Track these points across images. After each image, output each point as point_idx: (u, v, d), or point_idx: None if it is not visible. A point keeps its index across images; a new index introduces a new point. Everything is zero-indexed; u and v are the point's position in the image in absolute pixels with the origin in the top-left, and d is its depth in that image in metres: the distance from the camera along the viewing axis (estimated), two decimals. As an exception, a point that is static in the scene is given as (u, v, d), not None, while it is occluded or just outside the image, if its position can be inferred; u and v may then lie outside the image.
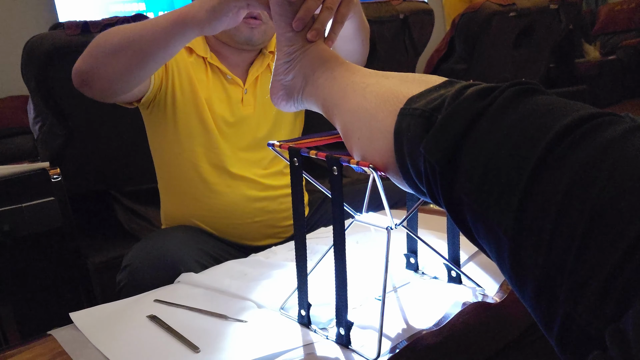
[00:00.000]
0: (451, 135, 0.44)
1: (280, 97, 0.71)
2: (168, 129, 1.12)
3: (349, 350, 0.61)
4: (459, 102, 0.45)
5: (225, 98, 1.14)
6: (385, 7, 2.08)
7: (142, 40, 0.89)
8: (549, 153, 0.38)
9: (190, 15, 0.83)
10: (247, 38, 1.09)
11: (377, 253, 0.87)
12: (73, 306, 0.82)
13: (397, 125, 0.50)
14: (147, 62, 0.91)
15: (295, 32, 0.67)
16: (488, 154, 0.42)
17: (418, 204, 0.72)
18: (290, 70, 0.68)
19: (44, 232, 1.22)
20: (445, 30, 2.84)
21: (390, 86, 0.55)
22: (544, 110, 0.41)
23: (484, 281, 0.74)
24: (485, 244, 0.44)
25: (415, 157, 0.48)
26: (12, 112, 3.13)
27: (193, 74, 1.11)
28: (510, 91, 0.44)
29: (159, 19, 0.88)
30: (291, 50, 0.68)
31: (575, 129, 0.38)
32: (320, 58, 0.66)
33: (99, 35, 0.95)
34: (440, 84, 0.52)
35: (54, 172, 1.23)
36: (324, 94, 0.64)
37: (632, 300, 0.32)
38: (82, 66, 0.95)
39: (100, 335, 0.71)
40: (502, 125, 0.42)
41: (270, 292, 0.77)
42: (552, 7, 2.61)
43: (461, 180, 0.44)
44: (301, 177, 0.66)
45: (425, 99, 0.49)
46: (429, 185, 0.48)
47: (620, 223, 0.34)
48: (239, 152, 1.15)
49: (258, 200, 1.15)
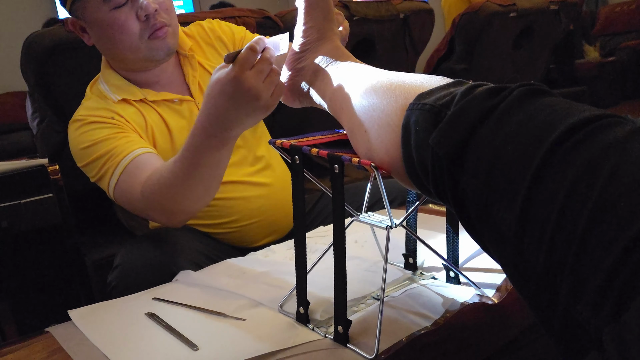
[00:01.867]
0: (460, 130, 0.45)
1: (287, 88, 0.72)
2: None
3: (346, 349, 0.61)
4: (468, 99, 0.46)
5: (183, 121, 1.11)
6: (385, 6, 2.08)
7: (200, 175, 0.87)
8: (553, 152, 0.39)
9: (227, 134, 0.81)
10: (166, 49, 1.06)
11: (376, 252, 0.87)
12: (71, 303, 0.82)
13: (406, 119, 0.51)
14: (213, 183, 0.91)
15: (314, 27, 0.69)
16: (494, 151, 0.43)
17: (418, 203, 0.72)
18: (303, 61, 0.70)
19: (42, 229, 1.21)
20: (445, 30, 2.84)
21: (400, 83, 0.56)
22: (550, 111, 0.42)
23: (483, 282, 0.74)
24: (488, 240, 0.45)
25: (422, 151, 0.49)
26: (11, 108, 3.13)
27: (153, 125, 1.08)
28: (519, 91, 0.44)
29: (197, 145, 0.84)
30: (307, 42, 0.69)
31: (580, 130, 0.39)
32: (333, 55, 0.68)
33: (152, 190, 0.92)
34: (450, 82, 0.52)
35: (53, 169, 1.23)
36: (332, 89, 0.65)
37: (631, 300, 0.32)
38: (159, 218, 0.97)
39: (98, 332, 0.71)
40: (510, 123, 0.43)
41: (269, 290, 0.77)
42: (553, 8, 2.61)
43: (467, 175, 0.45)
44: (302, 175, 0.66)
45: (435, 95, 0.50)
46: (434, 180, 0.48)
47: (620, 223, 0.34)
48: None
49: (252, 199, 1.13)
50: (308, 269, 0.68)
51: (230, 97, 0.75)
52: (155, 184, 0.92)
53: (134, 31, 1.02)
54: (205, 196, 0.93)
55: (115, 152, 0.99)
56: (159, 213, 0.96)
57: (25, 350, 0.70)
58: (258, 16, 1.67)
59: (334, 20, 0.71)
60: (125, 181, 0.97)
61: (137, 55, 1.05)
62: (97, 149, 1.00)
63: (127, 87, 1.09)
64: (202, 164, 0.86)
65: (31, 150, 2.67)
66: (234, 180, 1.12)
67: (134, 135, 1.03)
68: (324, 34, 0.69)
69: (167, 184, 0.90)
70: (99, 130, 1.02)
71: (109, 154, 0.99)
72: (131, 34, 1.02)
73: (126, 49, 1.04)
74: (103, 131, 1.01)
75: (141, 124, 1.07)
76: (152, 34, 1.03)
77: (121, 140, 1.00)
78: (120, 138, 1.01)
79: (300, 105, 0.73)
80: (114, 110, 1.05)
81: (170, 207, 0.94)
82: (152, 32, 1.03)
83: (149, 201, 0.94)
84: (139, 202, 0.96)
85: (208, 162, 0.86)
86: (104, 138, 1.01)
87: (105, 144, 1.00)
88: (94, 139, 1.01)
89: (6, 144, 3.00)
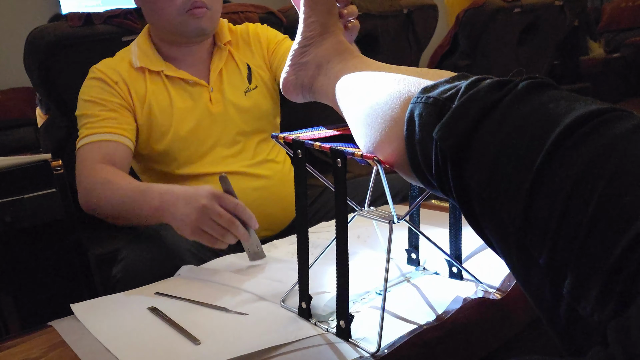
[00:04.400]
0: (464, 123, 0.44)
1: (290, 83, 0.72)
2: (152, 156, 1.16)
3: (349, 344, 0.61)
4: (473, 92, 0.46)
5: (193, 104, 1.15)
6: (389, 1, 2.08)
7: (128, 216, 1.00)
8: (557, 146, 0.38)
9: (167, 217, 0.91)
10: (197, 28, 1.11)
11: (378, 247, 0.87)
12: (74, 297, 0.82)
13: (410, 113, 0.50)
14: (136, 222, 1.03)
15: (317, 20, 0.68)
16: (499, 145, 0.42)
17: (421, 198, 0.71)
18: (306, 55, 0.69)
19: (45, 224, 1.21)
20: (448, 26, 2.82)
21: (404, 77, 0.55)
22: (555, 104, 0.41)
23: (486, 277, 0.74)
24: (492, 234, 0.45)
25: (425, 145, 0.48)
26: (15, 104, 3.13)
27: (153, 97, 1.13)
28: (524, 85, 0.44)
29: (142, 205, 0.95)
30: (310, 36, 0.69)
31: (585, 124, 0.38)
32: (336, 49, 0.67)
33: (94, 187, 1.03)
34: (454, 76, 0.52)
35: (56, 164, 1.23)
36: (336, 83, 0.64)
37: (635, 295, 0.32)
38: (85, 207, 1.06)
39: (100, 326, 0.71)
40: (514, 117, 0.42)
41: (271, 285, 0.76)
42: (557, 4, 2.60)
43: (471, 169, 0.44)
44: (305, 169, 0.65)
45: (439, 89, 0.49)
46: (438, 173, 0.48)
47: (625, 218, 0.34)
48: (222, 150, 1.15)
49: (249, 191, 1.14)
50: (310, 264, 0.67)
51: (187, 202, 0.88)
52: (99, 185, 1.02)
53: (177, 1, 1.08)
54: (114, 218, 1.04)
55: (94, 123, 1.08)
56: (82, 197, 1.05)
57: (28, 344, 0.70)
58: (261, 11, 1.67)
59: (337, 14, 0.70)
60: (84, 152, 1.07)
61: (170, 25, 1.11)
62: (87, 107, 1.10)
63: (152, 56, 1.15)
64: (137, 207, 0.97)
65: (35, 146, 2.67)
66: (231, 171, 1.13)
67: (121, 115, 1.11)
68: (327, 28, 0.68)
69: (104, 195, 1.01)
70: (99, 89, 1.11)
71: (90, 118, 1.09)
72: (172, 2, 1.08)
73: (163, 17, 1.11)
74: (101, 93, 1.10)
75: (141, 95, 1.13)
76: (189, 10, 1.09)
77: (107, 113, 1.09)
78: (108, 111, 1.10)
79: (303, 100, 0.73)
80: (124, 77, 1.12)
81: (92, 204, 1.04)
82: (190, 8, 1.09)
83: (83, 187, 1.05)
84: (79, 176, 1.06)
85: (142, 212, 0.96)
86: (97, 100, 1.10)
87: (94, 107, 1.10)
88: (90, 97, 1.11)
89: (9, 140, 3.00)
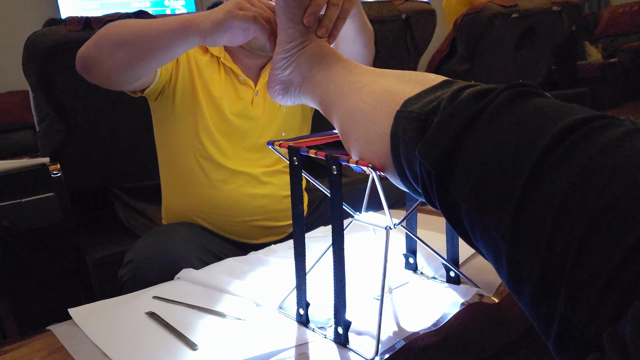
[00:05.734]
0: (446, 139, 0.44)
1: (277, 91, 0.71)
2: (175, 122, 1.13)
3: (346, 350, 0.61)
4: (454, 105, 0.45)
5: (236, 98, 1.15)
6: (387, 6, 2.08)
7: (146, 37, 0.90)
8: (546, 157, 0.38)
9: (195, 23, 0.84)
10: (262, 45, 1.10)
11: (375, 253, 0.87)
12: (72, 302, 0.82)
13: (394, 128, 0.50)
14: (147, 60, 0.92)
15: (296, 28, 0.67)
16: (484, 158, 0.42)
17: (417, 204, 0.72)
18: (288, 66, 0.68)
19: (43, 228, 1.22)
20: (447, 31, 2.83)
21: (387, 86, 0.55)
22: (540, 113, 0.41)
23: (483, 282, 0.74)
24: (483, 247, 0.44)
25: (411, 160, 0.48)
26: (13, 108, 3.12)
27: (206, 72, 1.12)
28: (506, 94, 0.43)
29: (167, 20, 0.89)
30: (290, 47, 0.68)
31: (573, 132, 0.38)
32: (317, 55, 0.66)
33: (108, 25, 0.96)
34: (437, 84, 0.51)
35: (54, 168, 1.23)
36: (320, 92, 0.64)
37: (630, 303, 0.32)
38: (85, 53, 0.96)
39: (98, 331, 0.71)
40: (498, 128, 0.42)
41: (269, 291, 0.77)
42: (555, 9, 2.61)
43: (457, 184, 0.44)
44: (300, 176, 0.66)
45: (422, 101, 0.49)
46: (425, 188, 0.48)
47: (619, 227, 0.33)
48: (243, 152, 1.16)
49: (258, 197, 1.15)
50: (308, 270, 0.68)
51: (215, 10, 0.83)
52: (108, 26, 0.94)
53: None
54: (125, 67, 0.94)
55: None
56: (83, 54, 0.96)
57: (26, 349, 0.70)
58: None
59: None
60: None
61: None
62: None
63: None
64: (149, 36, 0.89)
65: (32, 150, 2.67)
66: (247, 172, 1.14)
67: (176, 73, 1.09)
68: (307, 35, 0.67)
69: (113, 27, 0.93)
70: None
71: None
72: None
73: None
74: None
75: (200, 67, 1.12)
76: None
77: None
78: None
79: (292, 103, 0.72)
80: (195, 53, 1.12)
81: (95, 41, 0.95)
82: None
83: (91, 40, 0.96)
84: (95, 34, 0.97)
85: (162, 30, 0.88)
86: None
87: None
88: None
89: (7, 144, 3.00)
